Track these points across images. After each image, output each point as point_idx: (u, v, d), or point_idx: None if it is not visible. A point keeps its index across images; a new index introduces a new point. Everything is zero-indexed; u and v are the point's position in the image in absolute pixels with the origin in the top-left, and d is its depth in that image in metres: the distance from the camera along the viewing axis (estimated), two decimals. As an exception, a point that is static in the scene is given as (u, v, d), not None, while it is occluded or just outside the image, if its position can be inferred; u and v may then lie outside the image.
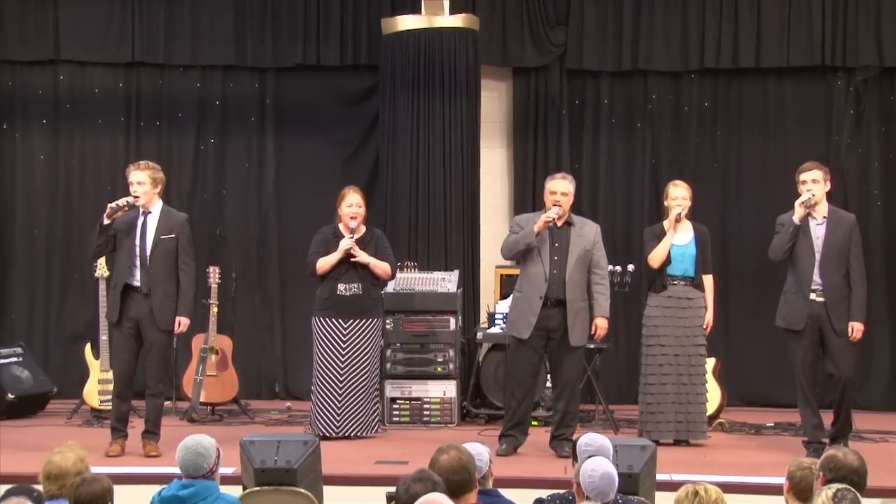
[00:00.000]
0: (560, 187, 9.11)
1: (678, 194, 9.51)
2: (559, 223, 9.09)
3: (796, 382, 9.09)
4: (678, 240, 9.48)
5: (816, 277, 8.94)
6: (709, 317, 9.53)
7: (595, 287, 9.18)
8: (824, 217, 9.00)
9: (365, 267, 9.63)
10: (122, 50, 11.89)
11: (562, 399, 9.19)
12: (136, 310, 8.91)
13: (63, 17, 11.84)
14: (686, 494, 4.88)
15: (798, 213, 8.91)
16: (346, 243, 9.55)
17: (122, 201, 8.91)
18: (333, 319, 9.60)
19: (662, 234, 9.48)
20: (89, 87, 12.03)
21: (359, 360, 9.65)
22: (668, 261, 9.42)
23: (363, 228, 9.78)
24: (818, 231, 8.99)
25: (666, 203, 9.58)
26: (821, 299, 8.93)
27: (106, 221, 8.87)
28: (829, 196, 9.20)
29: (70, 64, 12.00)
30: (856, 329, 8.94)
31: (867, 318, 9.16)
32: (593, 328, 9.19)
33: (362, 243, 9.67)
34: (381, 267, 9.70)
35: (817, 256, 8.96)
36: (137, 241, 8.96)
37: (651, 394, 9.42)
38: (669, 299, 9.43)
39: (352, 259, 9.58)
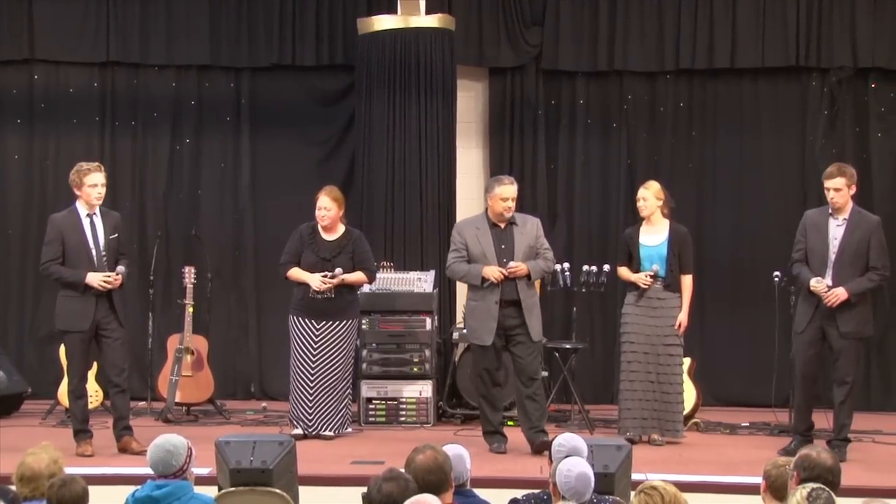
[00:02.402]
0: (512, 193, 9.28)
1: (641, 195, 9.60)
2: (503, 226, 9.28)
3: (793, 377, 9.21)
4: (649, 240, 9.53)
5: (828, 278, 8.93)
6: (682, 317, 9.52)
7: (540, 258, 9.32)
8: (845, 219, 9.01)
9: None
10: (97, 49, 11.85)
11: (533, 395, 9.27)
12: (97, 312, 8.91)
13: (37, 16, 11.78)
14: (645, 495, 4.87)
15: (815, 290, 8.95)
16: (315, 284, 9.55)
17: (112, 279, 8.87)
18: (307, 319, 9.63)
19: (634, 237, 9.56)
20: (64, 86, 11.98)
21: (330, 361, 9.66)
22: (638, 261, 9.50)
23: (341, 229, 9.77)
24: (837, 231, 9.00)
25: None
26: None
27: (87, 284, 8.83)
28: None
29: (44, 63, 11.94)
30: (835, 292, 8.84)
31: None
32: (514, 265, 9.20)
33: (339, 246, 9.68)
34: (359, 279, 9.75)
35: (832, 257, 8.97)
36: (91, 244, 8.96)
37: (620, 391, 9.54)
38: (641, 299, 9.47)
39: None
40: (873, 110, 11.74)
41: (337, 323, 9.66)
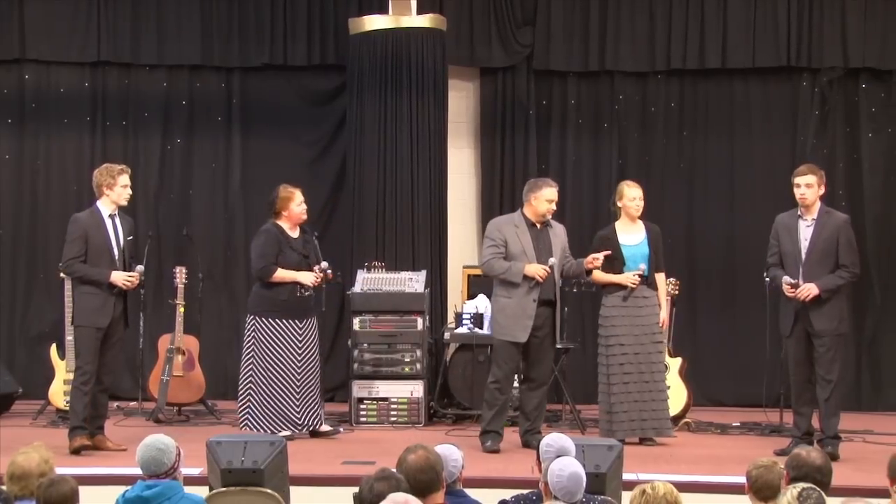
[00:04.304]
0: (556, 195, 9.42)
1: (636, 195, 9.57)
2: (539, 226, 9.37)
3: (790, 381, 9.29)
4: (629, 240, 9.54)
5: (800, 280, 8.99)
6: (663, 315, 9.63)
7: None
8: (813, 219, 9.07)
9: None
10: (88, 49, 11.83)
11: (537, 396, 9.40)
12: (115, 310, 9.05)
13: (28, 16, 11.76)
14: (634, 496, 4.90)
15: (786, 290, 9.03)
16: (311, 281, 9.62)
17: (135, 279, 9.07)
18: (289, 320, 9.63)
19: (613, 239, 9.52)
20: (55, 86, 11.96)
21: (314, 358, 9.76)
22: (622, 261, 9.47)
23: (298, 228, 9.84)
24: (806, 232, 9.08)
25: (621, 203, 9.59)
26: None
27: (110, 283, 8.99)
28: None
29: (35, 63, 11.92)
30: (805, 287, 8.93)
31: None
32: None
33: (306, 242, 9.81)
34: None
35: (802, 257, 9.03)
36: (113, 244, 9.10)
37: (614, 394, 9.42)
38: (626, 299, 9.46)
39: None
40: (864, 110, 11.75)
41: (314, 319, 9.80)
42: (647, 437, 9.48)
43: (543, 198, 9.31)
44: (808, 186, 9.06)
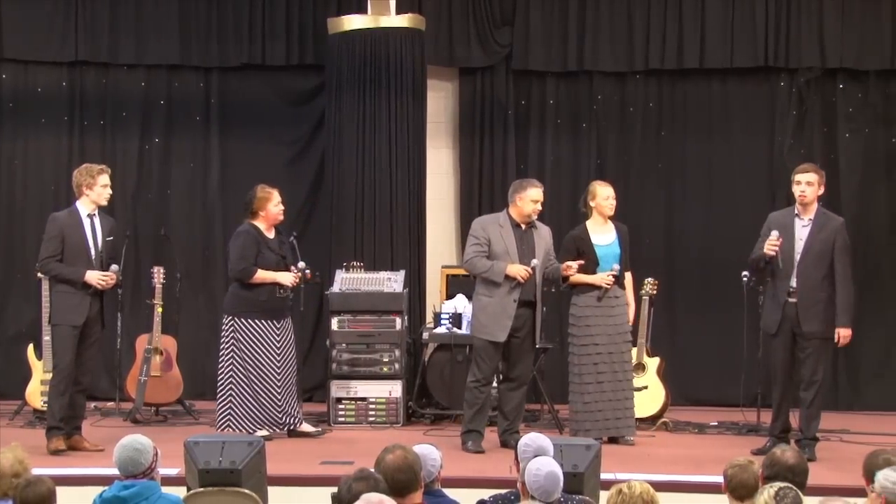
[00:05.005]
0: (541, 196, 9.44)
1: (609, 193, 9.60)
2: (524, 227, 9.40)
3: (773, 380, 9.30)
4: (602, 240, 9.56)
5: (793, 279, 9.02)
6: (631, 313, 9.72)
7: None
8: (810, 219, 9.09)
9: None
10: (66, 49, 11.80)
11: (516, 397, 9.44)
12: (90, 309, 9.07)
13: (6, 15, 11.72)
14: (611, 495, 4.93)
15: (768, 253, 9.03)
16: (290, 281, 9.66)
17: (109, 278, 9.09)
18: (267, 321, 9.66)
19: (586, 239, 9.53)
20: (32, 86, 11.92)
21: (292, 357, 9.82)
22: (595, 262, 9.48)
23: (273, 230, 9.84)
24: (802, 233, 9.09)
25: (593, 203, 9.60)
26: (793, 300, 9.03)
27: (85, 282, 9.01)
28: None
29: (13, 63, 11.88)
30: (842, 336, 9.02)
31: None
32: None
33: (281, 243, 9.85)
34: None
35: (796, 258, 9.05)
36: (90, 244, 9.13)
37: (589, 393, 9.44)
38: (600, 299, 9.47)
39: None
40: (841, 111, 11.79)
41: (289, 319, 9.84)
42: (620, 435, 9.51)
43: (528, 198, 9.33)
44: (808, 184, 9.08)
